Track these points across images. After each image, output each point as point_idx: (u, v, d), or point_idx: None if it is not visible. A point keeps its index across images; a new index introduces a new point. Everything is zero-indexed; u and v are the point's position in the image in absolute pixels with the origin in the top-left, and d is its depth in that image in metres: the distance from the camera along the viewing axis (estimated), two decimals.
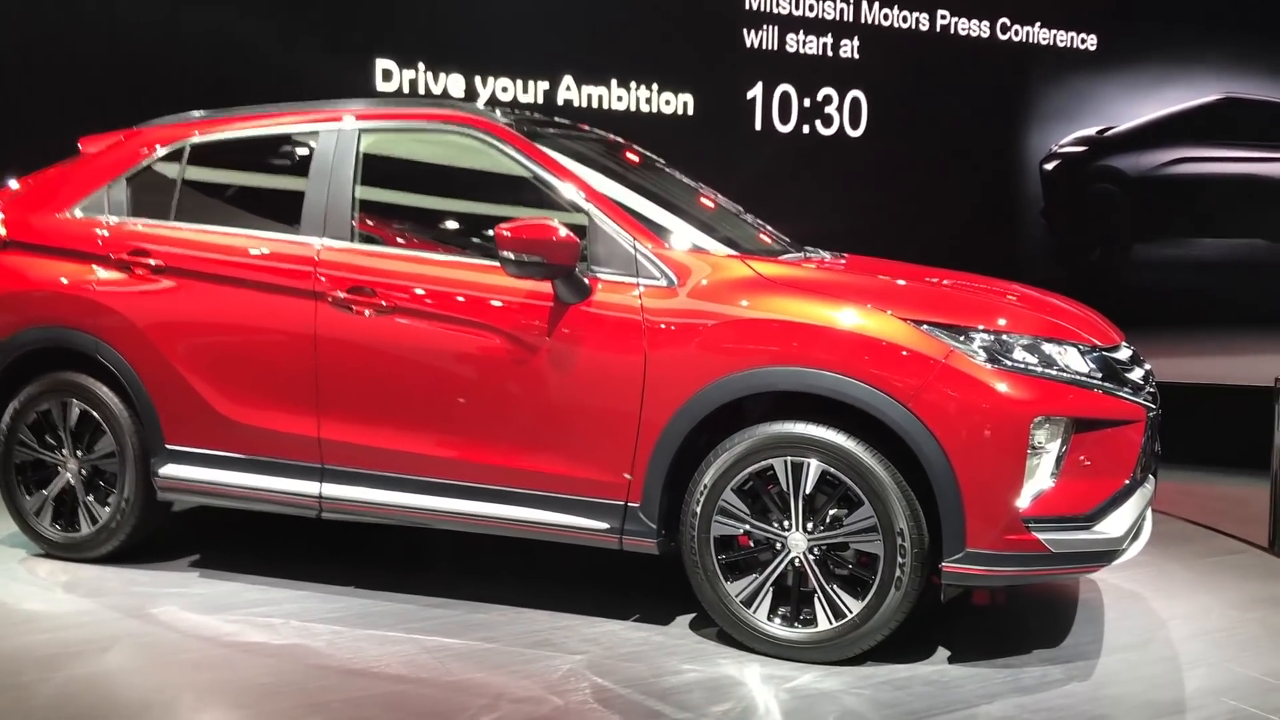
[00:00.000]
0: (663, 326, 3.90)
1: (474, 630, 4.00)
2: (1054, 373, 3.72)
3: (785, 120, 8.17)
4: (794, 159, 8.13)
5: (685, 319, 3.89)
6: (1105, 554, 3.74)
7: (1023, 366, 3.69)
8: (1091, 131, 8.83)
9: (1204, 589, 4.74)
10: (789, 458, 3.78)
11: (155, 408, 4.49)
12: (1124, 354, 4.06)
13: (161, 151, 4.69)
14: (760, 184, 7.88)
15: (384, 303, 4.17)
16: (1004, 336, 3.74)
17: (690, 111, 7.92)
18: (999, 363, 3.67)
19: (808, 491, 3.77)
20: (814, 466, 3.75)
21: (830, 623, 3.76)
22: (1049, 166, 8.84)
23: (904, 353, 3.68)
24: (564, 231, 3.87)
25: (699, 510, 3.87)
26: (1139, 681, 3.73)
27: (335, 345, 4.23)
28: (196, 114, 4.81)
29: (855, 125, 8.28)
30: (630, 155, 5.03)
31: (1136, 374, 4.02)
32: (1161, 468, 4.31)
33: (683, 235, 4.19)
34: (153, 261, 4.51)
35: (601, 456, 3.96)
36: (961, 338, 3.71)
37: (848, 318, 3.77)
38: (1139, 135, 8.90)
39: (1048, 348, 3.76)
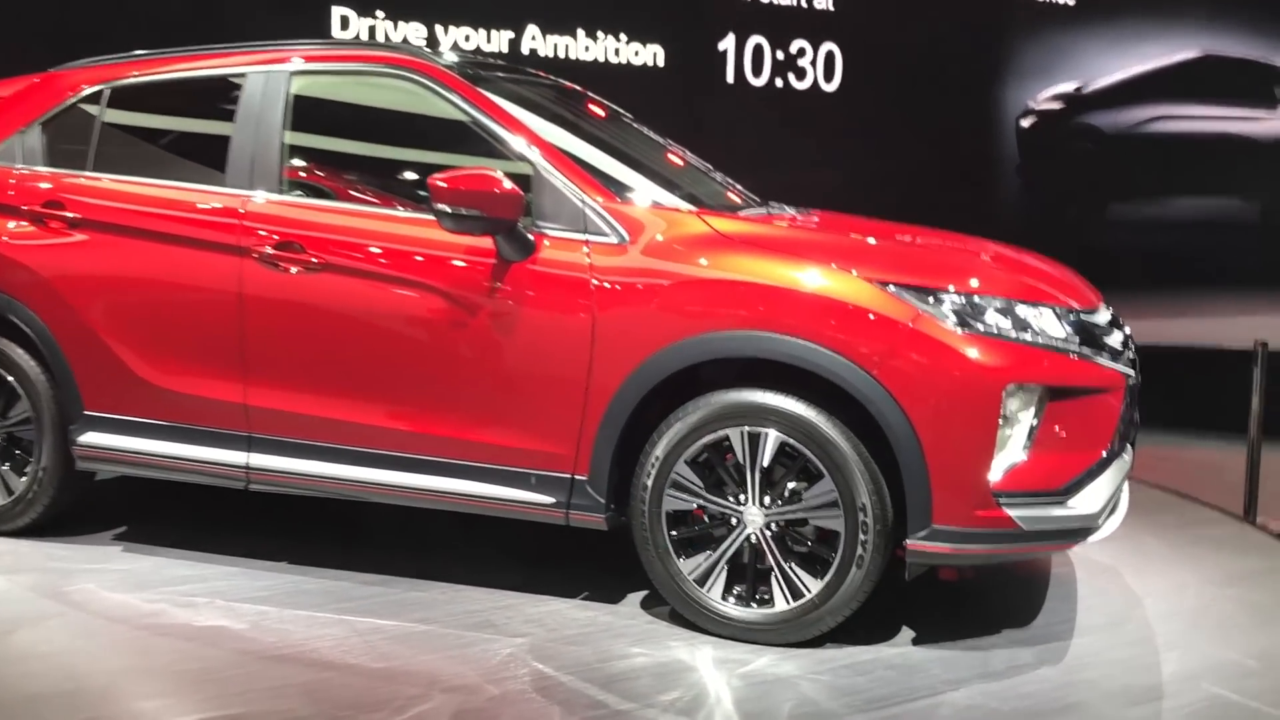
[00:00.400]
0: (612, 286, 3.63)
1: (410, 610, 3.75)
2: (1028, 337, 3.48)
3: (758, 73, 7.95)
4: (766, 113, 7.87)
5: (636, 278, 3.62)
6: (1080, 531, 3.52)
7: (995, 331, 3.45)
8: (1069, 88, 8.65)
9: (1180, 563, 4.54)
10: (746, 428, 3.53)
11: (73, 371, 4.20)
12: (1102, 317, 3.82)
13: (79, 96, 4.36)
14: (731, 138, 7.66)
15: (314, 259, 3.89)
16: (976, 299, 3.49)
17: (660, 63, 7.66)
18: (970, 326, 3.43)
19: (765, 464, 3.53)
20: (772, 437, 3.51)
21: (788, 603, 3.53)
22: (1025, 123, 8.66)
23: (868, 316, 3.43)
24: (505, 183, 3.59)
25: (650, 484, 3.62)
26: (1113, 665, 3.53)
27: (262, 305, 3.94)
28: (117, 56, 4.47)
29: (829, 79, 8.06)
30: (590, 106, 4.74)
31: (1115, 338, 3.78)
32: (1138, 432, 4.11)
33: (637, 189, 3.92)
34: (69, 214, 4.20)
35: (546, 426, 3.70)
36: (930, 300, 3.46)
37: (809, 278, 3.51)
38: (1117, 92, 8.74)
39: (1022, 310, 3.52)
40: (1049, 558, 4.39)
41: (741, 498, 3.57)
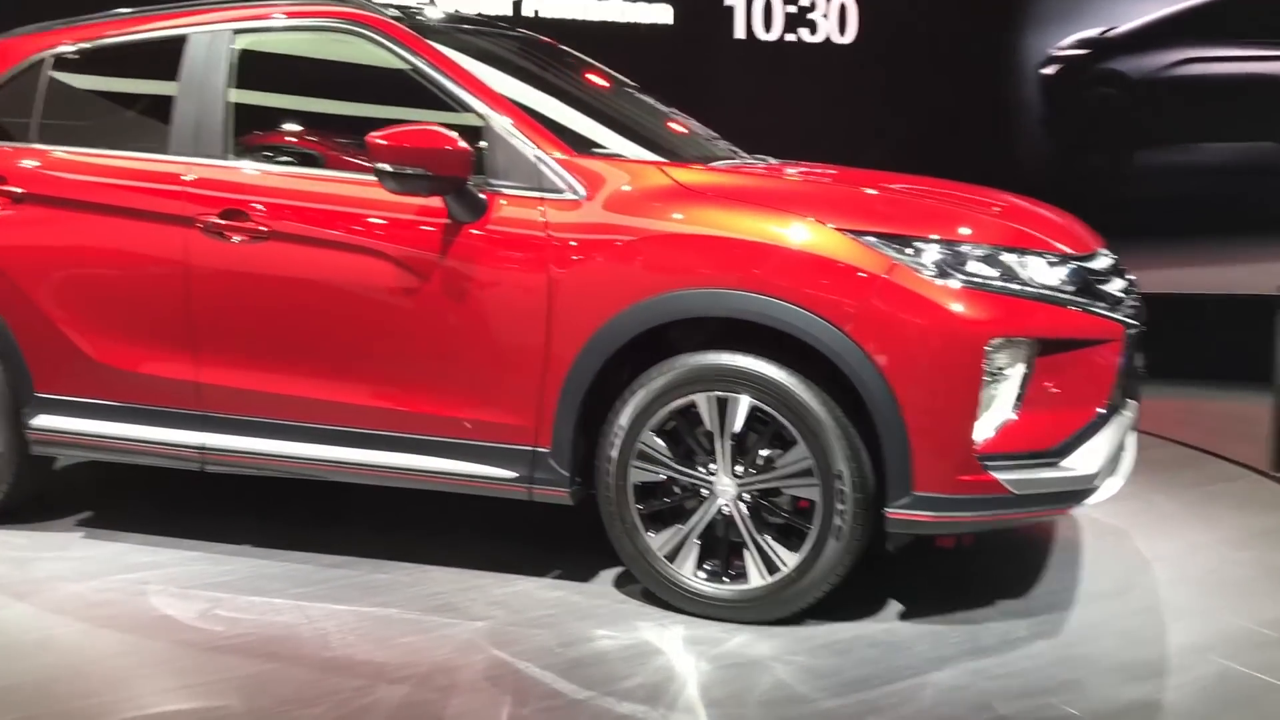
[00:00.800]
0: (569, 245, 3.40)
1: (370, 595, 3.57)
2: (1015, 287, 3.21)
3: (769, 28, 7.67)
4: (779, 69, 7.59)
5: (593, 235, 3.40)
6: (1076, 493, 3.27)
7: (978, 281, 3.19)
8: (1093, 33, 8.29)
9: (1194, 523, 4.27)
10: (714, 393, 3.30)
11: (22, 352, 4.03)
12: (1101, 263, 3.55)
13: (20, 65, 4.17)
14: (743, 95, 7.40)
15: (262, 227, 3.69)
16: (958, 247, 3.23)
17: (668, 21, 7.39)
18: (950, 277, 3.17)
19: (736, 431, 3.30)
20: (743, 403, 3.27)
21: (763, 578, 3.31)
22: (1048, 71, 8.31)
23: (840, 269, 3.18)
24: (451, 138, 3.37)
25: (616, 455, 3.41)
26: (1114, 637, 3.28)
27: (208, 277, 3.75)
28: (58, 22, 4.27)
29: (843, 31, 7.76)
30: (563, 60, 4.50)
31: (1115, 286, 3.51)
32: (1155, 385, 3.82)
33: (598, 142, 3.70)
34: (12, 189, 4.03)
35: (505, 396, 3.49)
36: (908, 250, 3.21)
37: (776, 230, 3.26)
38: (1142, 36, 8.35)
39: (1008, 258, 3.25)
40: (1053, 521, 4.14)
41: (712, 467, 3.35)
